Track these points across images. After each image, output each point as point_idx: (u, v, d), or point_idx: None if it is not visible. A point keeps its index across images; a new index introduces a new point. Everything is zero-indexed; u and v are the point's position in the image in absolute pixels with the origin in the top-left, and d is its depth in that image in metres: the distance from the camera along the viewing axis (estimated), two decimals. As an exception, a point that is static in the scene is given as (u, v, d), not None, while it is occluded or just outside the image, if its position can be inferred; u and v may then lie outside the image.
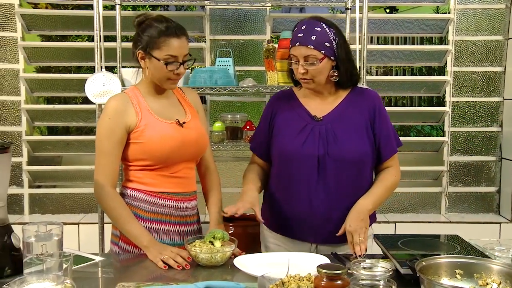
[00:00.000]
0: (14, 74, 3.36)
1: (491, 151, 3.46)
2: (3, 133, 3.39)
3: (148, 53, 1.80)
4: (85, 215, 3.43)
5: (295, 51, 1.81)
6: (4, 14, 3.31)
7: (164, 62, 1.78)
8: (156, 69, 1.81)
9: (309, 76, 1.81)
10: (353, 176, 1.83)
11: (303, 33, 1.80)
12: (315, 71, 1.80)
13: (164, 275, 1.61)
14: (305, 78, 1.81)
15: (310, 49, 1.78)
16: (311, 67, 1.79)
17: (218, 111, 3.39)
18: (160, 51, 1.78)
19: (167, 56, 1.78)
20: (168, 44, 1.78)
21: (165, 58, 1.78)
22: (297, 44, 1.80)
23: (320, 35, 1.79)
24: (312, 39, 1.78)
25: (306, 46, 1.78)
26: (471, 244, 1.72)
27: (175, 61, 1.80)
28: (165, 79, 1.83)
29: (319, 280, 1.20)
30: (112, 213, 1.81)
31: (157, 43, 1.78)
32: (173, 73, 1.81)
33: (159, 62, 1.79)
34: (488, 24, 3.39)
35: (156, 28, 1.79)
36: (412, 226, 3.32)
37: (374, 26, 3.43)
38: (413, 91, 3.71)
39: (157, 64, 1.80)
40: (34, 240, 1.45)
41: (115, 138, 1.80)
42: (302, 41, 1.79)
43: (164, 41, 1.78)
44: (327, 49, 1.79)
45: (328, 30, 1.81)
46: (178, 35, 1.80)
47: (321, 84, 1.85)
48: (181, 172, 1.89)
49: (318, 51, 1.78)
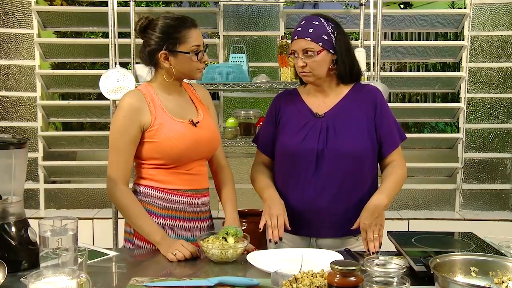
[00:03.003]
0: (30, 70, 3.40)
1: (506, 148, 3.42)
2: (20, 129, 3.43)
3: (173, 51, 1.81)
4: (99, 210, 3.46)
5: (294, 45, 1.85)
6: (21, 11, 3.35)
7: (193, 52, 1.82)
8: (184, 63, 1.83)
9: (308, 69, 1.83)
10: (352, 171, 1.83)
11: (301, 27, 1.84)
12: (314, 63, 1.82)
13: (177, 270, 1.62)
14: (304, 71, 1.84)
15: (308, 41, 1.80)
16: (309, 59, 1.81)
17: (231, 107, 3.39)
18: (186, 44, 1.81)
19: (194, 47, 1.82)
20: (191, 35, 1.82)
21: (192, 49, 1.82)
22: (296, 38, 1.84)
23: (317, 28, 1.82)
24: (309, 32, 1.81)
25: (303, 39, 1.81)
26: (486, 241, 1.70)
27: (200, 50, 1.84)
28: (195, 69, 1.86)
29: (333, 276, 1.20)
30: (124, 210, 1.82)
31: (180, 38, 1.81)
32: (200, 61, 1.85)
33: (187, 55, 1.82)
34: (505, 19, 3.34)
35: (172, 25, 1.81)
36: (426, 223, 3.30)
37: (388, 21, 3.40)
38: (427, 87, 3.68)
39: (185, 58, 1.82)
40: (50, 235, 1.47)
41: (129, 136, 1.81)
42: (300, 35, 1.83)
43: (186, 34, 1.81)
44: (325, 42, 1.81)
45: (326, 24, 1.84)
46: (194, 25, 1.85)
47: (320, 77, 1.86)
48: (194, 169, 1.89)
49: (315, 43, 1.80)
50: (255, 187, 1.97)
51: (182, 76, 1.89)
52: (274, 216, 1.77)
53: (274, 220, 1.77)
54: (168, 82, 1.88)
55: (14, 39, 3.36)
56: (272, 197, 1.85)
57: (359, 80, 1.97)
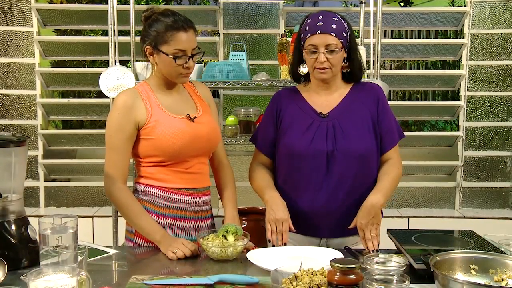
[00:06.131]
0: (30, 68, 3.40)
1: (506, 146, 3.42)
2: (20, 127, 3.43)
3: (156, 48, 1.79)
4: (99, 208, 3.46)
5: (315, 39, 1.79)
6: (21, 9, 3.34)
7: (173, 56, 1.77)
8: (165, 64, 1.80)
9: (328, 65, 1.80)
10: (361, 171, 1.82)
11: (323, 22, 1.79)
12: (335, 59, 1.80)
13: (178, 268, 1.62)
14: (324, 67, 1.81)
15: (332, 36, 1.78)
16: (332, 55, 1.79)
17: (231, 105, 3.39)
18: (168, 45, 1.77)
19: (176, 50, 1.77)
20: (176, 38, 1.76)
21: (173, 52, 1.77)
22: (318, 32, 1.79)
23: (338, 25, 1.80)
24: (333, 27, 1.79)
25: (328, 34, 1.78)
26: (486, 239, 1.70)
27: (184, 55, 1.78)
28: (176, 74, 1.81)
29: (333, 274, 1.20)
30: (123, 208, 1.81)
31: (164, 37, 1.77)
32: (183, 67, 1.79)
33: (168, 57, 1.78)
34: (505, 17, 3.34)
35: (163, 23, 1.78)
36: (425, 221, 3.30)
37: (388, 19, 3.40)
38: (427, 85, 3.68)
39: (166, 59, 1.79)
40: (50, 233, 1.47)
41: (124, 133, 1.80)
42: (323, 29, 1.78)
43: (172, 36, 1.76)
44: (344, 39, 1.81)
45: (343, 21, 1.84)
46: (185, 28, 1.78)
47: (336, 74, 1.86)
48: (194, 167, 1.88)
49: (338, 39, 1.79)
50: (253, 186, 1.95)
51: (166, 77, 1.85)
52: (280, 222, 1.76)
53: (280, 226, 1.75)
54: (164, 79, 1.87)
55: (14, 37, 3.36)
56: (275, 199, 1.82)
57: (361, 79, 1.96)
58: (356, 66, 1.88)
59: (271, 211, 1.79)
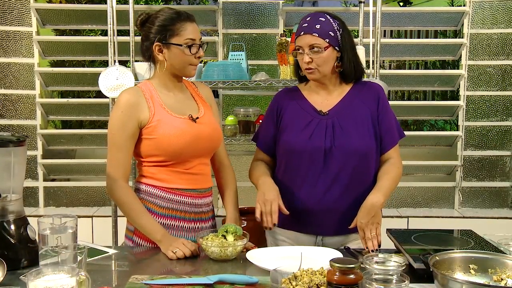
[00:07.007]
0: (29, 68, 3.39)
1: (506, 146, 3.43)
2: (19, 127, 3.43)
3: (166, 43, 1.81)
4: (99, 208, 3.46)
5: (300, 41, 1.83)
6: (20, 9, 3.34)
7: (186, 45, 1.80)
8: (177, 56, 1.82)
9: (314, 66, 1.82)
10: (358, 168, 1.83)
11: (308, 23, 1.83)
12: (320, 59, 1.81)
13: (177, 268, 1.62)
14: (310, 68, 1.83)
15: (315, 37, 1.80)
16: (316, 55, 1.80)
17: (230, 105, 3.39)
18: (180, 36, 1.80)
19: (188, 40, 1.81)
20: (185, 28, 1.81)
21: (186, 42, 1.81)
22: (302, 33, 1.83)
23: (324, 24, 1.81)
24: (316, 27, 1.80)
25: (310, 34, 1.80)
26: (485, 239, 1.70)
27: (195, 44, 1.82)
28: (187, 64, 1.84)
29: (332, 274, 1.20)
30: (124, 207, 1.82)
31: (174, 30, 1.80)
32: (195, 56, 1.83)
33: (180, 48, 1.80)
34: (505, 16, 3.34)
35: (168, 17, 1.81)
36: (425, 221, 3.30)
37: (387, 19, 3.40)
38: (426, 85, 3.68)
39: (178, 51, 1.81)
40: (49, 233, 1.47)
41: (127, 131, 1.80)
42: (306, 30, 1.82)
43: (181, 26, 1.80)
44: (331, 38, 1.81)
45: (332, 21, 1.84)
46: (190, 19, 1.84)
47: (326, 74, 1.86)
48: (196, 168, 1.88)
49: (322, 39, 1.80)
50: (251, 179, 1.96)
51: (175, 72, 1.87)
52: (268, 202, 1.76)
53: (268, 206, 1.76)
54: (167, 78, 1.88)
55: (13, 37, 3.36)
56: (266, 182, 1.84)
57: (361, 78, 1.96)
58: (348, 66, 1.86)
59: (261, 193, 1.80)
